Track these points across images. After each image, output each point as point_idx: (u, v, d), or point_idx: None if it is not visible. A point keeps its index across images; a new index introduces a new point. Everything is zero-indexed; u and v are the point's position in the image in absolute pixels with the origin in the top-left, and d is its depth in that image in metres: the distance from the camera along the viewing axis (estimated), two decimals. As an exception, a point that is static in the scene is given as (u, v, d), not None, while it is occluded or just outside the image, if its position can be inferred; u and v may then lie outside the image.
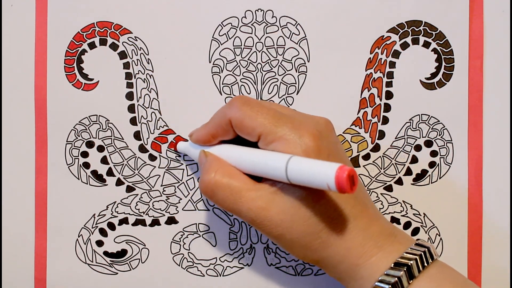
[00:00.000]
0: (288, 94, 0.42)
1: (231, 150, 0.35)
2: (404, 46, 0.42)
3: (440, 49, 0.42)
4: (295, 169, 0.30)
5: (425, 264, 0.32)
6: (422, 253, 0.32)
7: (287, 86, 0.42)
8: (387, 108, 0.42)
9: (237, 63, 0.41)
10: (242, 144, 0.36)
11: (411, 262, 0.31)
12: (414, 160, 0.42)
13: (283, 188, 0.32)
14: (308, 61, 0.42)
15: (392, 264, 0.32)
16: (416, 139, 0.42)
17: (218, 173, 0.34)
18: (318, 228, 0.32)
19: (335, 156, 0.33)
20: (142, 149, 0.42)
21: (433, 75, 0.42)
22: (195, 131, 0.38)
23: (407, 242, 0.33)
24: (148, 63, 0.42)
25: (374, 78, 0.42)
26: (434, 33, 0.42)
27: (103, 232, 0.42)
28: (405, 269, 0.31)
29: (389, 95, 0.42)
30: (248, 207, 0.33)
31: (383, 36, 0.42)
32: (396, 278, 0.31)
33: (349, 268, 0.33)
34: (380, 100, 0.42)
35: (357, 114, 0.42)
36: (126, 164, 0.42)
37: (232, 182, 0.33)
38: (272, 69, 0.41)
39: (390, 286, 0.31)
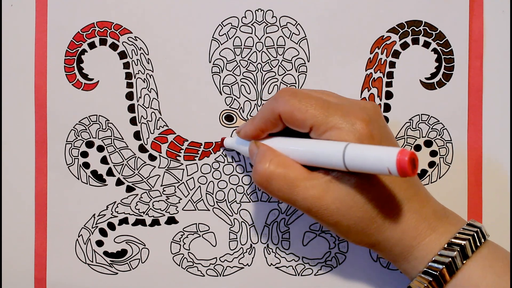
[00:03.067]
0: (288, 94, 0.41)
1: (284, 141, 0.35)
2: (404, 46, 0.42)
3: (440, 49, 0.42)
4: (352, 156, 0.30)
5: (478, 244, 0.32)
6: (475, 233, 0.32)
7: (287, 86, 0.42)
8: (387, 108, 0.42)
9: (237, 63, 0.41)
10: (289, 135, 0.35)
11: (464, 242, 0.32)
12: (414, 160, 0.42)
13: (338, 176, 0.32)
14: (308, 61, 0.42)
15: (446, 245, 0.32)
16: (416, 139, 0.42)
17: (273, 162, 0.33)
18: (373, 213, 0.32)
19: (387, 140, 0.33)
20: (142, 149, 0.42)
21: (433, 75, 0.42)
22: (242, 126, 0.37)
23: (459, 222, 0.34)
24: (148, 63, 0.42)
25: (374, 78, 0.42)
26: (434, 33, 0.42)
27: (103, 232, 0.42)
28: (458, 249, 0.31)
29: (389, 95, 0.42)
30: (303, 197, 0.33)
31: (383, 36, 0.42)
32: (450, 258, 0.31)
33: (404, 250, 0.33)
34: (380, 100, 0.42)
35: (357, 114, 0.42)
36: (126, 164, 0.42)
37: (287, 172, 0.33)
38: (272, 69, 0.41)
39: (444, 266, 0.31)
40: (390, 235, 0.33)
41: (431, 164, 0.42)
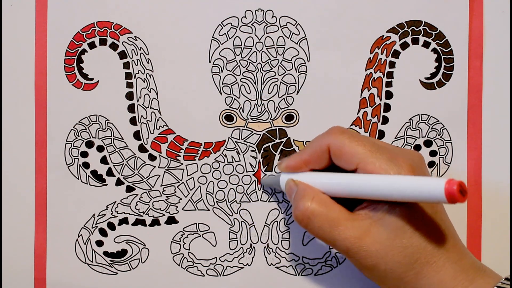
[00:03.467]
0: (288, 94, 0.42)
1: (325, 175, 0.35)
2: (404, 46, 0.42)
3: (440, 49, 0.42)
4: (403, 183, 0.30)
5: None
6: None
7: (287, 86, 0.42)
8: (387, 108, 0.42)
9: (237, 63, 0.41)
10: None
11: None
12: (414, 160, 0.42)
13: (378, 219, 0.33)
14: (308, 61, 0.42)
15: None
16: (416, 139, 0.42)
17: (315, 201, 0.34)
18: (412, 259, 0.32)
19: None
20: (142, 149, 0.42)
21: (433, 75, 0.42)
22: (284, 159, 0.38)
23: (496, 276, 0.33)
24: (148, 63, 0.42)
25: (374, 78, 0.42)
26: (434, 33, 0.42)
27: (103, 232, 0.42)
28: None
29: (389, 95, 0.42)
30: (344, 237, 0.33)
31: (383, 36, 0.42)
32: None
33: None
34: (380, 100, 0.42)
35: (357, 114, 0.42)
36: (125, 164, 0.42)
37: (329, 211, 0.33)
38: (272, 69, 0.41)
39: None
40: (427, 284, 0.32)
41: (431, 164, 0.42)
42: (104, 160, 0.42)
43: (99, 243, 0.42)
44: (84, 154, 0.42)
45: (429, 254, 0.32)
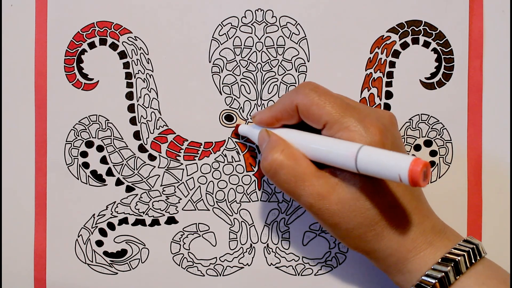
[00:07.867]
0: (288, 94, 0.42)
1: (297, 134, 0.35)
2: (404, 46, 0.42)
3: (440, 49, 0.42)
4: (365, 158, 0.30)
5: (473, 261, 0.32)
6: (470, 250, 0.32)
7: (287, 86, 0.42)
8: (387, 108, 0.42)
9: (237, 63, 0.41)
10: (302, 129, 0.36)
11: (459, 258, 0.32)
12: (414, 160, 0.42)
13: (344, 178, 0.33)
14: (308, 61, 0.42)
15: (440, 259, 0.32)
16: (416, 139, 0.42)
17: (284, 153, 0.34)
18: (374, 220, 0.32)
19: (398, 150, 0.33)
20: (142, 149, 0.42)
21: (433, 75, 0.42)
22: (258, 112, 0.38)
23: (456, 238, 0.34)
24: (148, 63, 0.42)
25: (374, 78, 0.42)
26: (434, 33, 0.42)
27: (103, 232, 0.42)
28: (452, 265, 0.31)
29: (389, 95, 0.42)
30: (309, 192, 0.33)
31: (383, 36, 0.42)
32: (443, 273, 0.31)
33: (398, 261, 0.33)
34: (380, 100, 0.42)
35: (357, 114, 0.42)
36: (125, 164, 0.42)
37: (297, 166, 0.33)
38: (272, 69, 0.41)
39: (436, 281, 0.31)
40: (387, 245, 0.33)
41: (431, 164, 0.42)
42: (104, 160, 0.42)
43: (99, 243, 0.42)
44: (84, 154, 0.42)
45: (390, 216, 0.32)
